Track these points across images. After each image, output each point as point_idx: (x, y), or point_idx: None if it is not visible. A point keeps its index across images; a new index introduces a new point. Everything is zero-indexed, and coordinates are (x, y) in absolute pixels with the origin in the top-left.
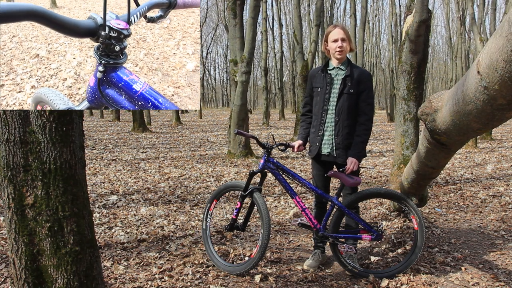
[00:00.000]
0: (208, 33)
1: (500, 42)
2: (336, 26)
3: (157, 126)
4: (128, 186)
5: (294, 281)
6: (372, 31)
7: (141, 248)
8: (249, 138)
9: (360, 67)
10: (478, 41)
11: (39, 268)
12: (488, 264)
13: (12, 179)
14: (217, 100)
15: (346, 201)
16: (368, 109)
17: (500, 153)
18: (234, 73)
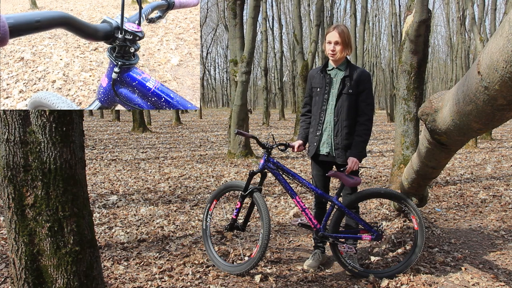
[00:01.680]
0: (208, 33)
1: (500, 42)
2: (335, 28)
3: (157, 126)
4: (128, 186)
5: (294, 281)
6: (372, 31)
7: (141, 248)
8: (249, 138)
9: (360, 68)
10: (478, 41)
11: (39, 268)
12: (488, 264)
13: (12, 179)
14: (217, 100)
15: (346, 201)
16: (368, 109)
17: (500, 153)
18: (234, 73)
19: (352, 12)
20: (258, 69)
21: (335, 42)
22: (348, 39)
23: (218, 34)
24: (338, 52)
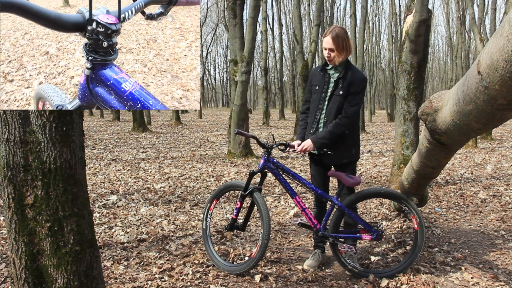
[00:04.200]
0: (208, 33)
1: (500, 42)
2: (330, 33)
3: (157, 126)
4: (128, 186)
5: (294, 281)
6: (372, 31)
7: (141, 248)
8: (249, 138)
9: (357, 70)
10: (478, 41)
11: (39, 268)
12: (488, 264)
13: (12, 179)
14: (217, 100)
15: (346, 201)
16: (350, 110)
17: (500, 153)
18: (234, 73)
19: (352, 12)
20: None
21: (330, 49)
22: (344, 42)
23: (218, 34)
24: (334, 58)
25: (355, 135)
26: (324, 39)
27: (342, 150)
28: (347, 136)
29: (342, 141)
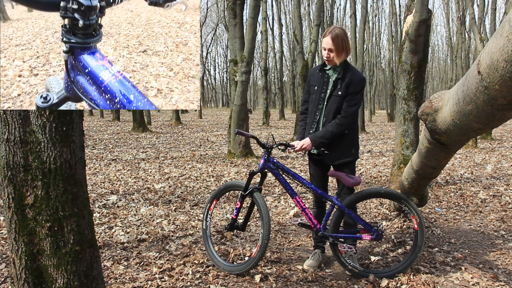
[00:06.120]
0: (208, 33)
1: (500, 42)
2: (329, 33)
3: (157, 126)
4: (128, 186)
5: (294, 281)
6: (372, 31)
7: (141, 248)
8: (249, 138)
9: (356, 71)
10: (478, 41)
11: (39, 268)
12: (488, 264)
13: (12, 179)
14: (217, 100)
15: (346, 201)
16: (349, 109)
17: (500, 153)
18: (234, 73)
19: (352, 12)
20: (258, 69)
21: (329, 49)
22: (344, 42)
23: (218, 34)
24: (333, 58)
25: (354, 134)
26: (323, 39)
27: (341, 149)
28: (346, 136)
29: (341, 140)
